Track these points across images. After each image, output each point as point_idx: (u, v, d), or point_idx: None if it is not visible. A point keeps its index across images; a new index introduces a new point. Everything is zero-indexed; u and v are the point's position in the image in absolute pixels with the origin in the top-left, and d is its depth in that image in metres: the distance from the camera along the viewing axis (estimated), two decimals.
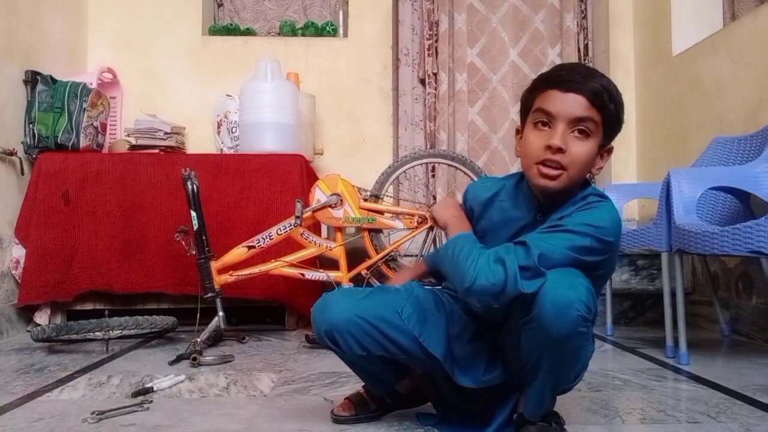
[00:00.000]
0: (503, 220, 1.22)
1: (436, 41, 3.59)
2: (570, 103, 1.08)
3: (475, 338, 1.24)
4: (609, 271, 1.20)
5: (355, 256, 2.52)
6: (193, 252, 2.23)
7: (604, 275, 1.17)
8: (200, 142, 3.25)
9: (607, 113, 1.10)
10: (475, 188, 1.31)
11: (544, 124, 1.11)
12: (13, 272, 2.57)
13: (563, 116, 1.09)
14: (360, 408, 1.37)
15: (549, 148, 1.09)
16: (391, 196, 2.74)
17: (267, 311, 2.81)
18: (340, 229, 2.39)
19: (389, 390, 1.38)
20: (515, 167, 3.49)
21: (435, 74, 3.58)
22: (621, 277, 2.86)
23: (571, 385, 1.22)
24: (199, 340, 2.06)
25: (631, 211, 3.39)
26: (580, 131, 1.09)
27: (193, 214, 2.22)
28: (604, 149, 1.15)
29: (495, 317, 1.18)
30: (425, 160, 2.80)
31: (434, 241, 2.53)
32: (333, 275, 2.35)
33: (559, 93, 1.09)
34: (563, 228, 1.09)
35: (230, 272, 2.31)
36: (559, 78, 1.11)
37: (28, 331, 2.53)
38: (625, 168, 3.46)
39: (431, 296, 1.28)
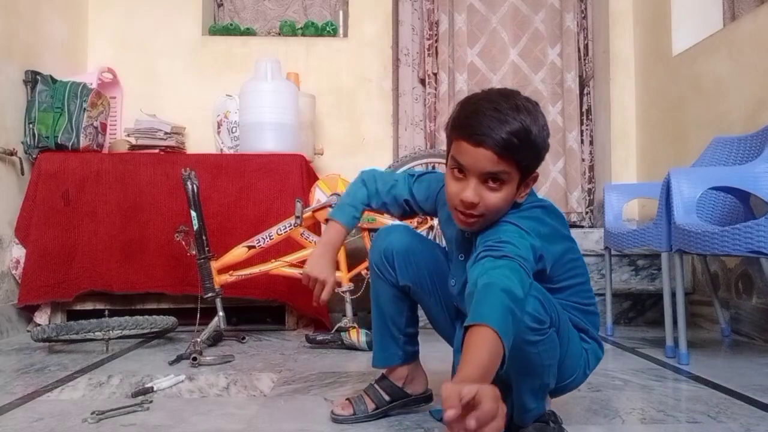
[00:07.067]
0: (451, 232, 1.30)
1: (436, 41, 3.59)
2: (480, 159, 1.07)
3: None
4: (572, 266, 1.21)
5: (355, 256, 2.52)
6: (193, 252, 2.23)
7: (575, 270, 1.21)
8: (200, 142, 3.25)
9: (520, 160, 1.08)
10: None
11: (460, 171, 1.11)
12: (13, 272, 2.57)
13: (474, 171, 1.09)
14: (360, 408, 1.38)
15: (462, 201, 1.10)
16: None
17: (267, 311, 2.81)
18: None
19: (389, 363, 1.41)
20: None
21: (435, 74, 3.58)
22: (621, 277, 2.86)
23: (564, 386, 1.23)
24: (199, 340, 2.06)
25: (631, 211, 3.39)
26: (494, 180, 1.09)
27: (193, 214, 2.22)
28: (525, 182, 1.14)
29: None
30: (425, 160, 2.80)
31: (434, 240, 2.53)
32: None
33: (470, 147, 1.07)
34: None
35: (230, 272, 2.31)
36: (471, 130, 1.07)
37: (28, 331, 2.54)
38: (625, 168, 3.46)
39: None
